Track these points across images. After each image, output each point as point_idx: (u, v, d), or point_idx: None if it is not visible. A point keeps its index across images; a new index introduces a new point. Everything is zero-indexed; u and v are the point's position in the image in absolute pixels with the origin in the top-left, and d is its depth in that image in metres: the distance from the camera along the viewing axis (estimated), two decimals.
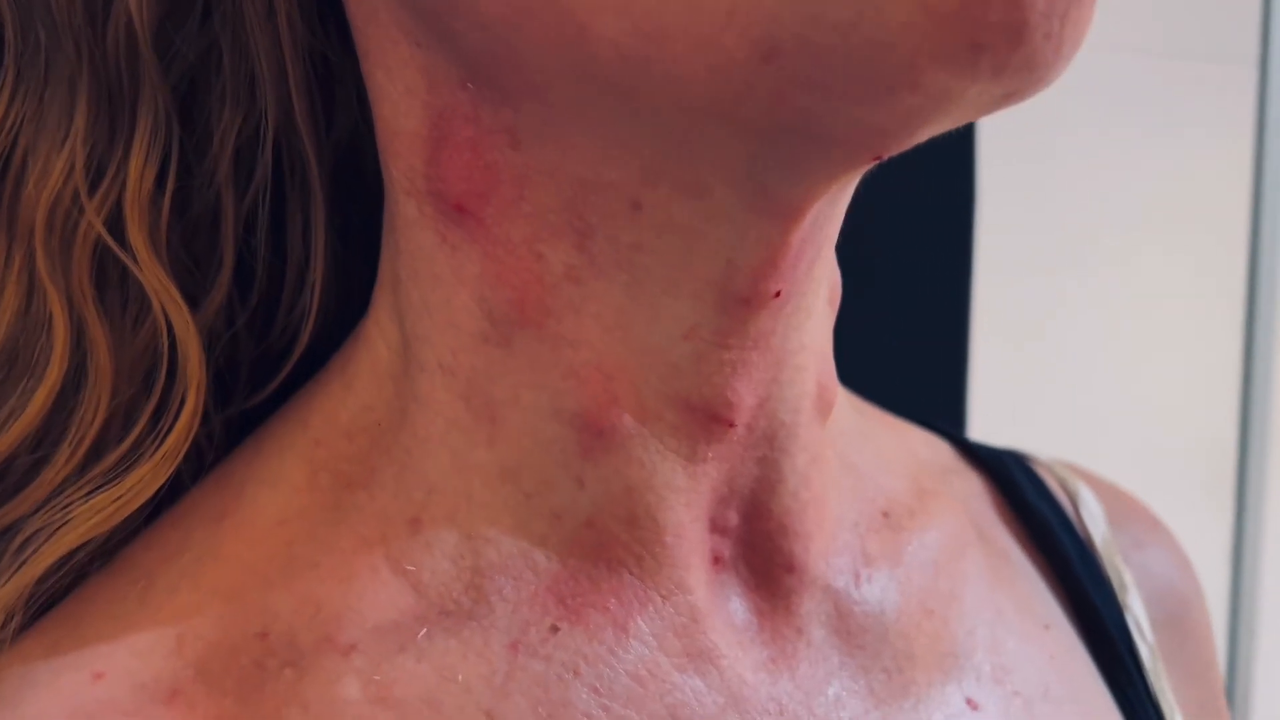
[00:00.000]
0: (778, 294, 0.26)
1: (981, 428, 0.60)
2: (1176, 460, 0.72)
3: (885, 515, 0.34)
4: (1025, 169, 0.58)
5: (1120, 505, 0.43)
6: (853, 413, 0.36)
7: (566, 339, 0.26)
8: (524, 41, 0.22)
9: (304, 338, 0.31)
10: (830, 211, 0.26)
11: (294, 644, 0.26)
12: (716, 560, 0.29)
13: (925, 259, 0.56)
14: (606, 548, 0.28)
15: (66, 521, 0.27)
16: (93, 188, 0.27)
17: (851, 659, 0.31)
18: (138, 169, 0.27)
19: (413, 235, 0.27)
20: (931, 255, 0.56)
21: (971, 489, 0.40)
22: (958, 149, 0.56)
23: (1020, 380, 0.60)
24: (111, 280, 0.28)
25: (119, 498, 0.27)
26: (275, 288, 0.32)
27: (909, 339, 0.56)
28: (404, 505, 0.28)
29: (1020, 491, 0.40)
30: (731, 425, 0.28)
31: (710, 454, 0.28)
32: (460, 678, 0.26)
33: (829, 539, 0.31)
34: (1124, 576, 0.40)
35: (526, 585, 0.27)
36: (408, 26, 0.25)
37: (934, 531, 0.35)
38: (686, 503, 0.28)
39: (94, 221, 0.27)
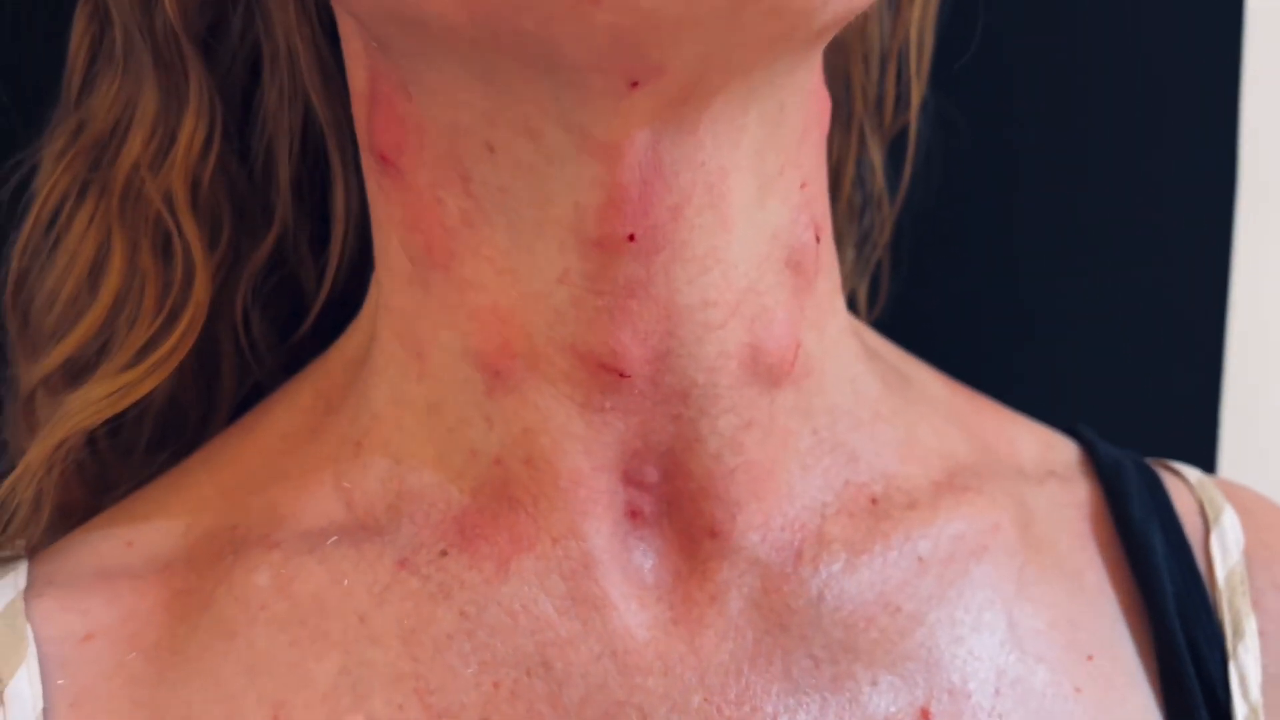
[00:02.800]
0: (631, 237, 0.26)
1: (1235, 447, 0.51)
2: None
3: (873, 501, 0.32)
4: None
5: (1276, 539, 0.35)
6: (876, 391, 0.33)
7: (468, 281, 0.28)
8: None
9: (327, 283, 0.35)
10: (677, 155, 0.25)
11: (246, 537, 0.31)
12: (634, 514, 0.29)
13: (1179, 254, 0.49)
14: (510, 486, 0.29)
15: (70, 409, 0.33)
16: (159, 155, 0.34)
17: (770, 638, 0.29)
18: (186, 138, 0.33)
19: (370, 186, 0.30)
20: (1187, 248, 0.49)
21: (1069, 498, 0.36)
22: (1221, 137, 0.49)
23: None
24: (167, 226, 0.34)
25: (111, 393, 0.33)
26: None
27: (1160, 341, 0.50)
28: (354, 430, 0.31)
29: (1126, 507, 0.35)
30: (623, 375, 0.28)
31: (608, 404, 0.28)
32: (346, 582, 0.29)
33: (771, 512, 0.30)
34: (1243, 621, 0.33)
35: (437, 512, 0.29)
36: None
37: (940, 528, 0.32)
38: (585, 450, 0.28)
39: (149, 185, 0.33)
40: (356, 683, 0.28)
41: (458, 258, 0.28)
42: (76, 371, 0.34)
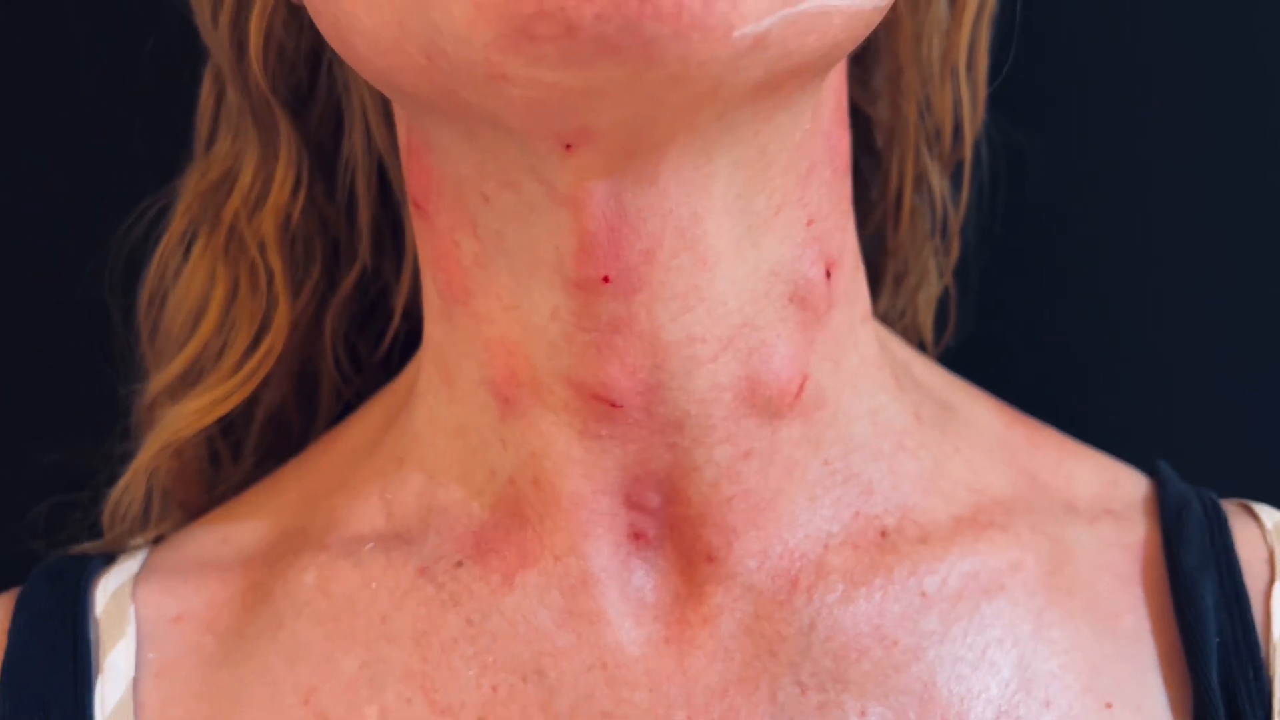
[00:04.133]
0: (606, 279, 0.28)
1: None
2: None
3: (883, 534, 0.32)
4: None
5: None
6: (903, 422, 0.33)
7: (481, 316, 0.31)
8: (351, 61, 0.27)
9: (397, 313, 0.39)
10: (641, 204, 0.27)
11: (307, 539, 0.34)
12: (638, 536, 0.31)
13: None
14: (520, 504, 0.31)
15: (168, 421, 0.38)
16: (258, 201, 0.38)
17: (759, 662, 0.30)
18: (278, 186, 0.37)
19: (415, 228, 0.34)
20: None
21: (1121, 539, 0.35)
22: None
23: None
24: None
25: (200, 408, 0.37)
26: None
27: (1267, 378, 0.46)
28: (400, 447, 0.34)
29: (1178, 551, 0.34)
30: (615, 405, 0.29)
31: (604, 432, 0.30)
32: (373, 585, 0.32)
33: (771, 540, 0.31)
34: None
35: (459, 526, 0.32)
36: None
37: (951, 564, 0.32)
38: (585, 474, 0.30)
39: (244, 229, 0.38)
40: (374, 676, 0.31)
41: (473, 294, 0.31)
42: (191, 383, 0.39)
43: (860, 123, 0.41)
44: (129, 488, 0.38)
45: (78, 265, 0.41)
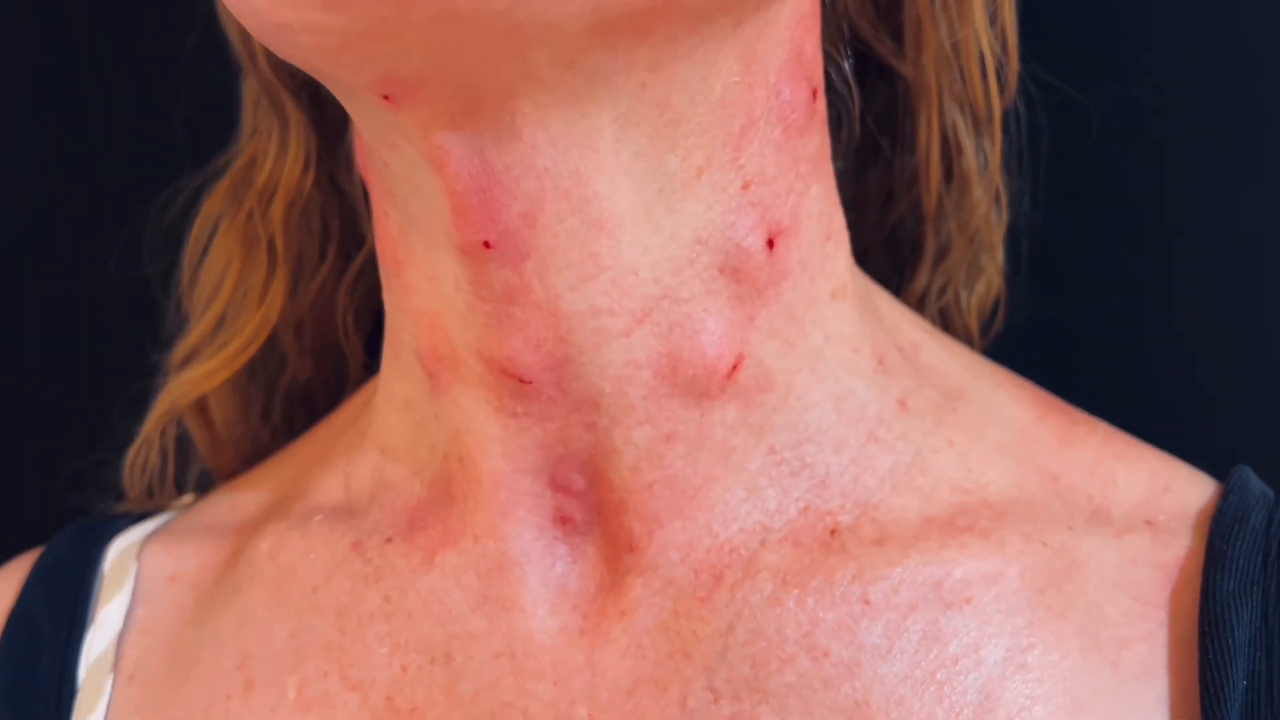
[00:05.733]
0: (487, 244, 0.26)
1: None
2: None
3: (833, 532, 0.29)
4: None
5: None
6: (881, 410, 0.30)
7: (410, 287, 0.30)
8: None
9: None
10: (509, 162, 0.25)
11: (279, 508, 0.35)
12: (565, 520, 0.29)
13: None
14: (451, 483, 0.30)
15: (169, 386, 0.39)
16: (275, 184, 0.39)
17: (672, 663, 0.28)
18: (289, 167, 0.38)
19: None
20: None
21: (1155, 555, 0.30)
22: None
23: None
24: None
25: (196, 378, 0.38)
26: None
27: None
28: (365, 423, 0.34)
29: (1216, 573, 0.28)
30: (524, 381, 0.28)
31: (519, 409, 0.28)
32: (312, 556, 0.32)
33: (699, 531, 0.28)
34: None
35: (401, 501, 0.32)
36: None
37: (907, 570, 0.28)
38: (504, 452, 0.29)
39: (259, 209, 0.38)
40: (300, 646, 0.31)
41: (402, 265, 0.30)
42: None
43: (901, 82, 0.37)
44: (140, 450, 0.39)
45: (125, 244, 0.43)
